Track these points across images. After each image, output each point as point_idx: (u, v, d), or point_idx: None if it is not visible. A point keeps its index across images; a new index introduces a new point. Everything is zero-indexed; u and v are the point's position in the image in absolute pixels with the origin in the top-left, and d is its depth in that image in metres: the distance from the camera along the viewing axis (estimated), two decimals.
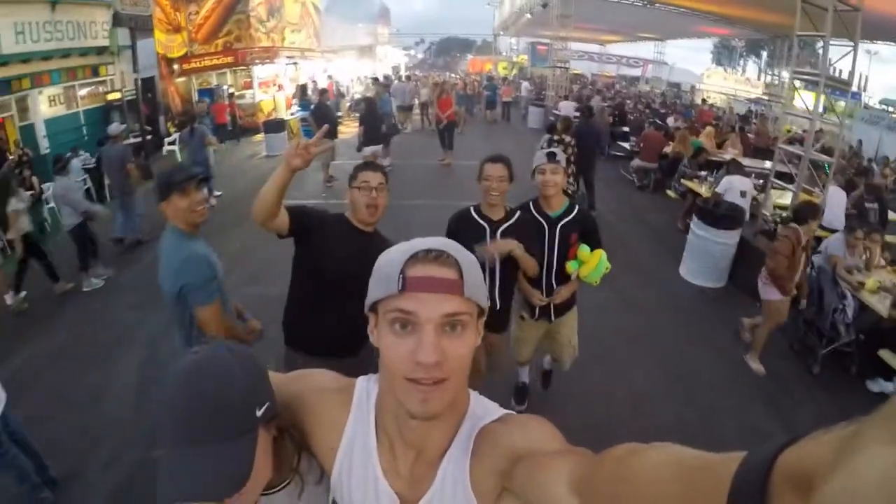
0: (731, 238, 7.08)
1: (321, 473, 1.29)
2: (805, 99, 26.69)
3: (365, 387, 1.21)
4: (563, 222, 3.78)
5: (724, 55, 48.76)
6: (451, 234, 3.59)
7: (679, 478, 0.62)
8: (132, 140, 13.79)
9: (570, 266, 3.79)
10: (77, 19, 13.51)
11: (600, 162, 12.31)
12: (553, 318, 4.09)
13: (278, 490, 1.28)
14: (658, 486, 0.65)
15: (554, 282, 3.94)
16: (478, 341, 1.06)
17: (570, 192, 9.41)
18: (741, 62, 48.18)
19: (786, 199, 8.36)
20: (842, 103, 24.01)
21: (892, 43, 19.58)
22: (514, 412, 1.16)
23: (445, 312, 0.99)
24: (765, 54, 36.06)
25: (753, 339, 5.62)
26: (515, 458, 1.00)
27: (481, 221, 3.58)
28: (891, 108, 22.89)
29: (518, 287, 3.92)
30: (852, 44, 7.62)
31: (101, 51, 14.38)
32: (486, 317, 1.10)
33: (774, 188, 8.47)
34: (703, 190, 9.11)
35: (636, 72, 44.84)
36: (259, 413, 1.10)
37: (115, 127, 9.23)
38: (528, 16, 25.20)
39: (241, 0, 19.05)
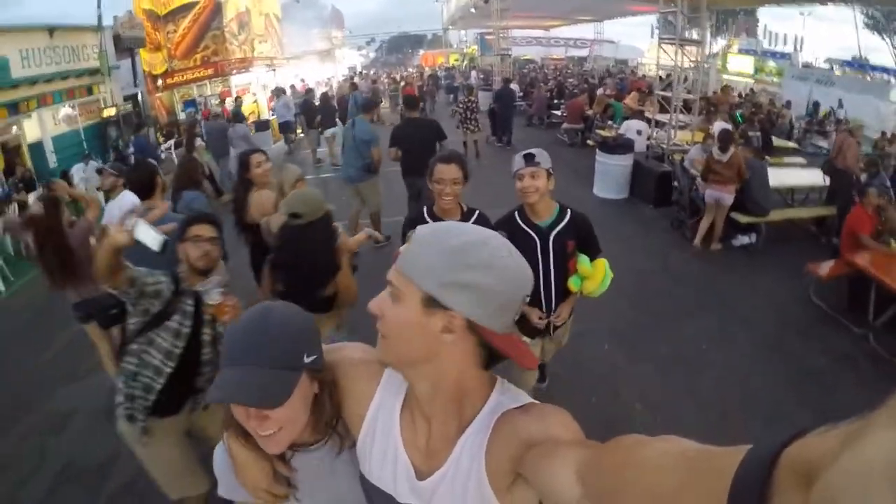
0: (625, 161, 10.10)
1: (353, 440, 1.36)
2: (740, 62, 30.01)
3: None
4: (555, 231, 3.40)
5: (669, 29, 51.75)
6: (405, 238, 3.15)
7: (683, 467, 0.65)
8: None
9: (573, 283, 3.50)
10: (72, 44, 15.62)
11: (541, 129, 17.12)
12: (552, 332, 3.76)
13: (315, 448, 1.41)
14: (661, 473, 0.68)
15: (554, 298, 3.58)
16: (427, 330, 1.06)
17: (472, 128, 12.83)
18: (686, 34, 51.31)
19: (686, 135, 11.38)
20: (772, 63, 27.35)
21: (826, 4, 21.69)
22: (538, 402, 1.18)
23: (387, 279, 1.10)
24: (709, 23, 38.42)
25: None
26: (530, 445, 1.03)
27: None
28: (834, 67, 25.62)
29: None
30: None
31: (93, 72, 16.52)
32: (444, 313, 1.05)
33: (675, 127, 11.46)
34: (609, 133, 12.19)
35: (584, 52, 47.79)
36: (306, 360, 1.25)
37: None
38: (473, 10, 27.90)
39: (216, 17, 21.63)
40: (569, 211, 3.48)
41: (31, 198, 10.35)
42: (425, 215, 3.49)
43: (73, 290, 4.42)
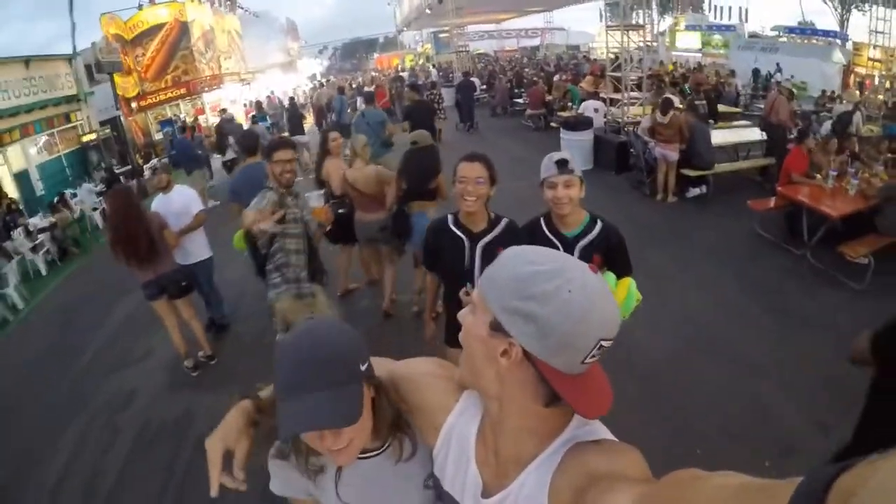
0: (586, 136, 11.47)
1: (414, 449, 1.44)
2: (687, 39, 31.26)
3: None
4: (581, 243, 3.13)
5: (616, 12, 53.18)
6: (428, 248, 3.46)
7: (737, 498, 0.67)
8: (120, 170, 16.98)
9: None
10: (47, 73, 16.39)
11: (505, 117, 18.64)
12: None
13: (375, 455, 1.44)
14: None
15: None
16: (489, 350, 1.08)
17: (440, 117, 13.05)
18: (634, 15, 52.81)
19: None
20: (718, 37, 28.72)
21: None
22: (615, 439, 1.17)
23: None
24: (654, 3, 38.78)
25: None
26: (594, 479, 1.01)
27: (459, 233, 3.21)
28: (784, 34, 26.66)
29: None
30: None
31: (69, 99, 17.37)
32: (504, 339, 1.06)
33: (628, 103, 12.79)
34: (570, 113, 13.47)
35: (536, 41, 49.13)
36: (363, 368, 1.28)
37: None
38: (428, 11, 29.04)
39: (183, 38, 22.52)
40: (599, 222, 3.14)
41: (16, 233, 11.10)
42: (449, 223, 3.25)
43: (151, 269, 5.27)
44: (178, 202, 5.71)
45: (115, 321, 7.62)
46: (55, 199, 13.32)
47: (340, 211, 5.91)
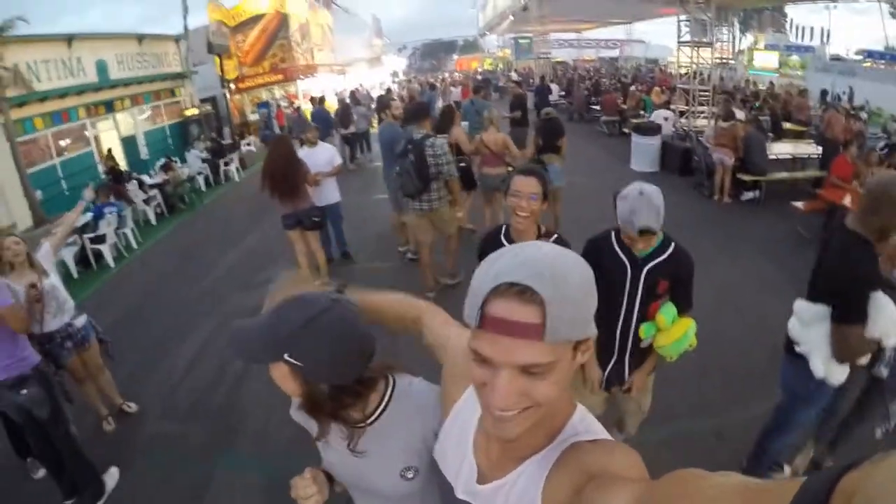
0: (654, 140, 12.61)
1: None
2: (765, 58, 31.22)
3: None
4: (651, 264, 2.96)
5: (696, 27, 53.38)
6: (481, 256, 2.66)
7: (739, 497, 0.66)
8: (224, 142, 18.74)
9: (644, 330, 3.04)
10: (157, 51, 18.32)
11: (582, 123, 20.03)
12: (623, 386, 3.33)
13: (372, 422, 1.56)
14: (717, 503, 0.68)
15: (630, 344, 3.15)
16: (580, 361, 1.04)
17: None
18: (715, 32, 52.88)
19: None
20: (795, 57, 28.91)
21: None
22: (611, 438, 1.16)
23: (520, 364, 0.96)
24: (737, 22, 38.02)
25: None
26: (591, 477, 1.00)
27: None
28: (865, 59, 26.32)
29: None
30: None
31: (175, 76, 19.32)
32: (584, 343, 1.02)
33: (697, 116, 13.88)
34: (641, 120, 14.62)
35: (615, 52, 49.84)
36: (286, 357, 1.41)
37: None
38: (511, 17, 30.32)
39: (282, 28, 24.50)
40: (673, 244, 3.00)
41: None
42: (502, 239, 3.25)
43: (292, 203, 6.71)
44: (323, 155, 7.37)
45: (228, 260, 9.30)
46: (163, 162, 15.06)
47: (462, 165, 7.52)
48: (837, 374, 2.90)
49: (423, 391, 1.61)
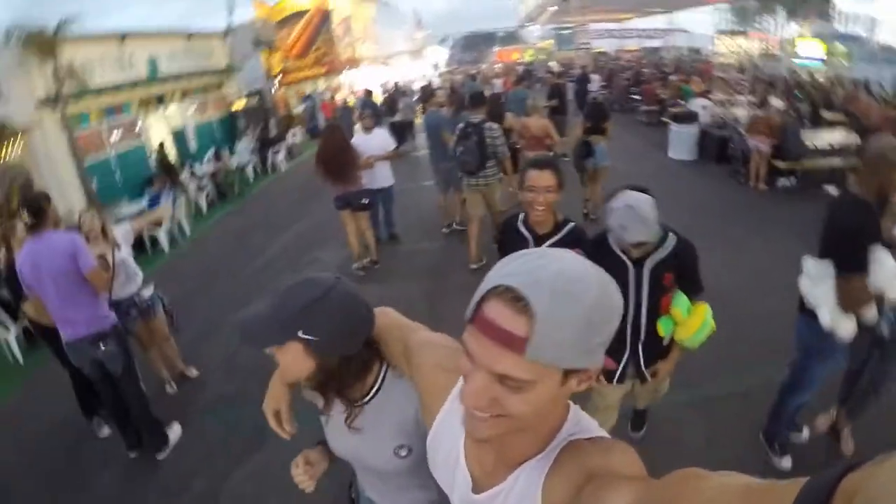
0: (692, 129, 12.82)
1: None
2: (809, 46, 30.47)
3: None
4: (653, 260, 2.95)
5: (740, 17, 52.47)
6: (499, 243, 3.66)
7: (741, 497, 0.66)
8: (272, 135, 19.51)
9: (662, 326, 3.06)
10: (205, 47, 19.08)
11: (621, 113, 19.84)
12: (648, 376, 3.32)
13: (368, 400, 1.67)
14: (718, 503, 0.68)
15: (642, 340, 3.15)
16: (572, 390, 1.01)
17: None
18: (758, 20, 52.02)
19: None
20: (841, 46, 28.40)
21: None
22: (607, 435, 1.15)
23: (496, 371, 0.94)
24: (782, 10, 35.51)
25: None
26: (590, 477, 0.99)
27: (526, 233, 3.30)
28: None
29: None
30: None
31: (222, 70, 20.07)
32: (583, 373, 0.99)
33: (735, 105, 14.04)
34: (680, 109, 14.82)
35: (657, 42, 49.56)
36: (301, 335, 1.50)
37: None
38: (552, 8, 30.52)
39: (325, 23, 25.17)
40: (672, 236, 3.00)
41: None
42: (520, 226, 3.35)
43: (343, 186, 7.31)
44: (378, 140, 7.92)
45: (279, 243, 10.03)
46: (213, 152, 15.91)
47: (515, 146, 8.79)
48: (844, 325, 3.19)
49: None
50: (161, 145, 15.68)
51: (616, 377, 3.29)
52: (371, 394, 1.66)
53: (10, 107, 11.21)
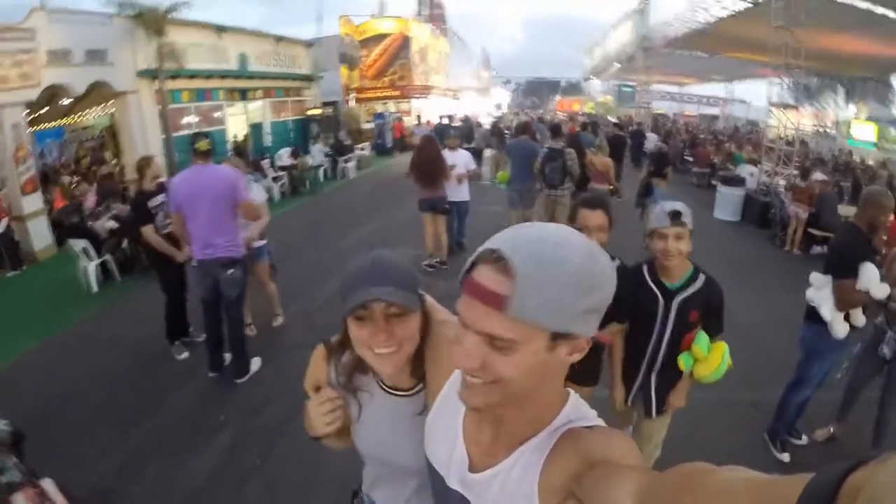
0: (738, 191, 13.85)
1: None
2: (863, 128, 30.13)
3: None
4: (683, 295, 3.11)
5: (801, 91, 51.93)
6: None
7: (746, 493, 0.65)
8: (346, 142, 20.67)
9: (683, 362, 3.17)
10: (290, 53, 20.64)
11: (675, 172, 20.36)
12: (654, 412, 3.44)
13: (403, 395, 1.59)
14: (723, 499, 0.68)
15: (654, 372, 3.33)
16: (562, 362, 1.03)
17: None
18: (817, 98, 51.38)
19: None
20: (894, 132, 28.27)
21: None
22: (605, 425, 1.17)
23: (483, 331, 0.97)
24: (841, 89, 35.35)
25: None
26: (589, 464, 1.01)
27: None
28: None
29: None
30: None
31: (304, 78, 21.63)
32: (571, 340, 1.00)
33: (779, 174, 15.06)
34: (726, 173, 15.86)
35: (716, 110, 50.25)
36: (419, 292, 1.45)
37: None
38: (617, 65, 31.73)
39: (404, 49, 26.75)
40: (702, 275, 3.16)
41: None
42: None
43: (431, 191, 8.47)
44: (463, 158, 9.08)
45: (353, 236, 11.27)
46: (291, 149, 17.42)
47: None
48: (839, 323, 4.17)
49: None
50: (246, 137, 17.26)
51: (630, 399, 3.50)
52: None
53: (112, 71, 12.66)
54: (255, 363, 5.87)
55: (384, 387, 1.62)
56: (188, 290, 6.15)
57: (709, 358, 3.10)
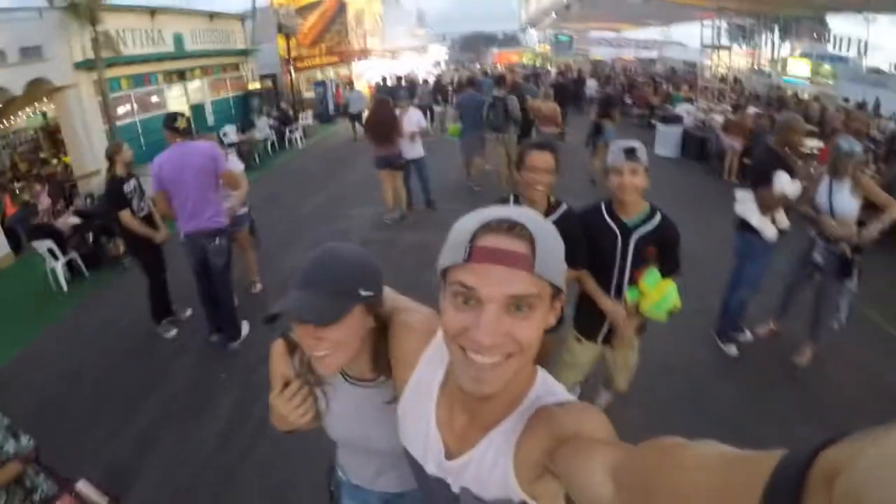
0: (676, 129, 14.56)
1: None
2: (797, 66, 30.94)
3: None
4: (640, 231, 3.23)
5: (736, 32, 53.12)
6: None
7: (719, 468, 0.65)
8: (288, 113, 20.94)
9: (628, 294, 3.32)
10: (225, 28, 20.38)
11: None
12: (612, 341, 3.62)
13: (370, 385, 1.60)
14: (696, 474, 0.68)
15: (625, 304, 3.40)
16: (550, 322, 1.08)
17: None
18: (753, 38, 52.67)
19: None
20: (827, 67, 29.32)
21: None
22: (576, 400, 1.20)
23: (510, 293, 0.99)
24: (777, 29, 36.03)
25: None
26: (561, 440, 1.04)
27: None
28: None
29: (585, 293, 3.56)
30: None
31: (240, 52, 21.39)
32: (564, 298, 1.10)
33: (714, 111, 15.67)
34: (665, 113, 16.49)
35: (653, 54, 50.81)
36: (362, 293, 1.40)
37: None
38: (554, 15, 31.98)
39: (339, 15, 26.68)
40: (659, 213, 3.27)
41: None
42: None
43: (386, 148, 8.95)
44: (414, 117, 9.45)
45: (311, 203, 11.64)
46: (239, 125, 17.71)
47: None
48: (767, 227, 4.85)
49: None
50: (185, 117, 17.07)
51: (599, 336, 3.66)
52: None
53: (49, 67, 12.37)
54: (245, 327, 6.20)
55: (348, 378, 1.65)
56: (167, 270, 6.36)
57: (652, 293, 3.21)
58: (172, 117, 5.51)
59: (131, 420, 5.01)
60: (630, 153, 3.08)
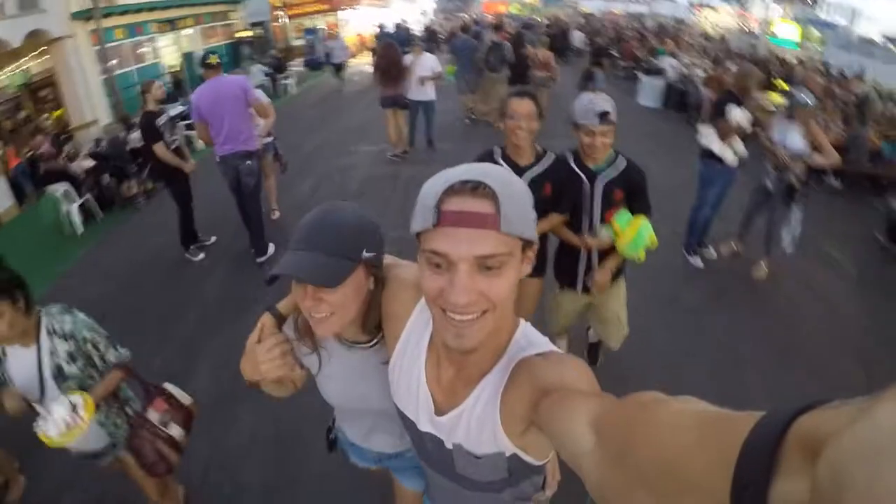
0: (659, 81, 15.39)
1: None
2: (786, 29, 31.05)
3: None
4: (606, 177, 3.37)
5: None
6: None
7: (696, 427, 0.65)
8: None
9: (604, 230, 3.44)
10: None
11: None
12: (591, 288, 3.71)
13: (364, 347, 1.60)
14: (675, 431, 0.68)
15: (593, 251, 3.59)
16: (524, 272, 1.12)
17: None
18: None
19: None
20: (816, 32, 29.43)
21: None
22: (557, 350, 1.24)
23: (478, 254, 1.03)
24: None
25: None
26: (544, 391, 1.07)
27: (506, 166, 2.98)
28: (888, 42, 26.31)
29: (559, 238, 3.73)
30: None
31: (230, 0, 21.77)
32: (536, 247, 1.13)
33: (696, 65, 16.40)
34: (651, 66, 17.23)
35: (643, 9, 50.90)
36: (364, 254, 1.39)
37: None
38: None
39: None
40: (622, 158, 3.38)
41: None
42: (497, 158, 3.45)
43: (393, 88, 9.75)
44: (429, 62, 10.13)
45: (313, 140, 12.39)
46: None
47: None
48: (727, 152, 5.76)
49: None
50: (178, 65, 17.82)
51: (578, 286, 3.81)
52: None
53: (47, 17, 12.61)
54: (271, 248, 6.86)
55: (344, 340, 1.65)
56: (193, 199, 6.95)
57: (626, 232, 3.31)
58: (205, 56, 6.26)
59: (175, 332, 5.58)
60: (604, 117, 3.20)
